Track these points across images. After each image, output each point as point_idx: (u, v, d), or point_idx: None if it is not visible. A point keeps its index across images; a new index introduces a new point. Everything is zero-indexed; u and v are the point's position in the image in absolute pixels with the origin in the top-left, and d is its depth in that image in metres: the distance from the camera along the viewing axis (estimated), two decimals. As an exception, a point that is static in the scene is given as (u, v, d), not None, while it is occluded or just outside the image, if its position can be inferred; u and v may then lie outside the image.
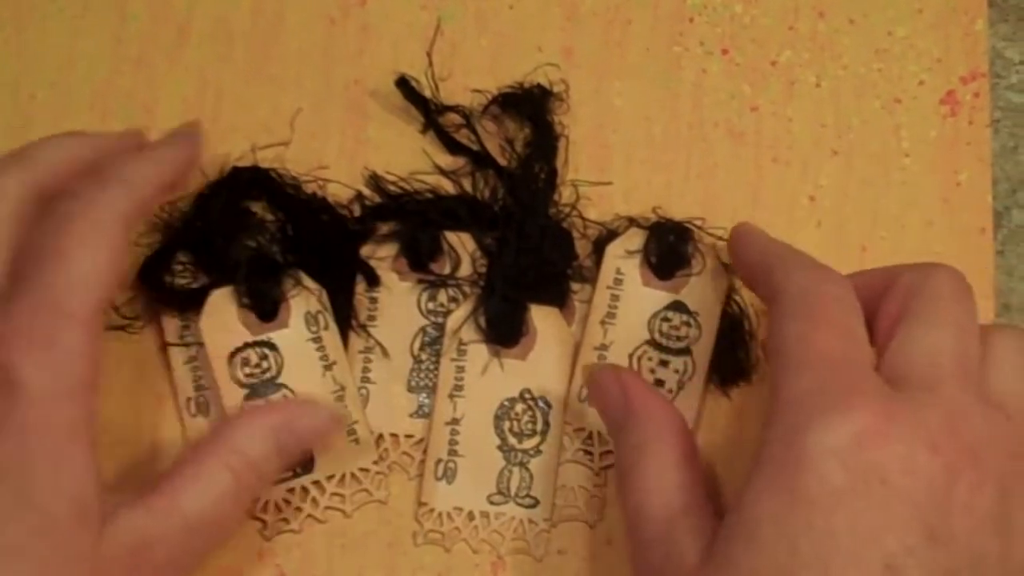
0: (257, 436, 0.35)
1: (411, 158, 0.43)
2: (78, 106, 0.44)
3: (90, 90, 0.44)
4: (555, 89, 0.44)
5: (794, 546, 0.29)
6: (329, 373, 0.40)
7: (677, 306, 0.40)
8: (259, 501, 0.40)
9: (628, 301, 0.40)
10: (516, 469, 0.40)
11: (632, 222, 0.41)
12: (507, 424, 0.41)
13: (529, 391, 0.41)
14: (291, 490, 0.40)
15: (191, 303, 0.40)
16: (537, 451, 0.40)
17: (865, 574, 0.28)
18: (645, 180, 0.44)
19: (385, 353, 0.41)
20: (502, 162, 0.43)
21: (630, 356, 0.40)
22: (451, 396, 0.41)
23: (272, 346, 0.40)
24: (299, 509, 0.40)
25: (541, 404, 0.41)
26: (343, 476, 0.40)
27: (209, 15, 0.45)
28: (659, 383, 0.40)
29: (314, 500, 0.40)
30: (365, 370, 0.41)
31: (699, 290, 0.40)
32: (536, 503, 0.40)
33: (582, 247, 0.42)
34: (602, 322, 0.40)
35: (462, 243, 0.42)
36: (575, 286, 0.42)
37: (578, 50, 0.45)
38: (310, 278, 0.41)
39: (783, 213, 0.43)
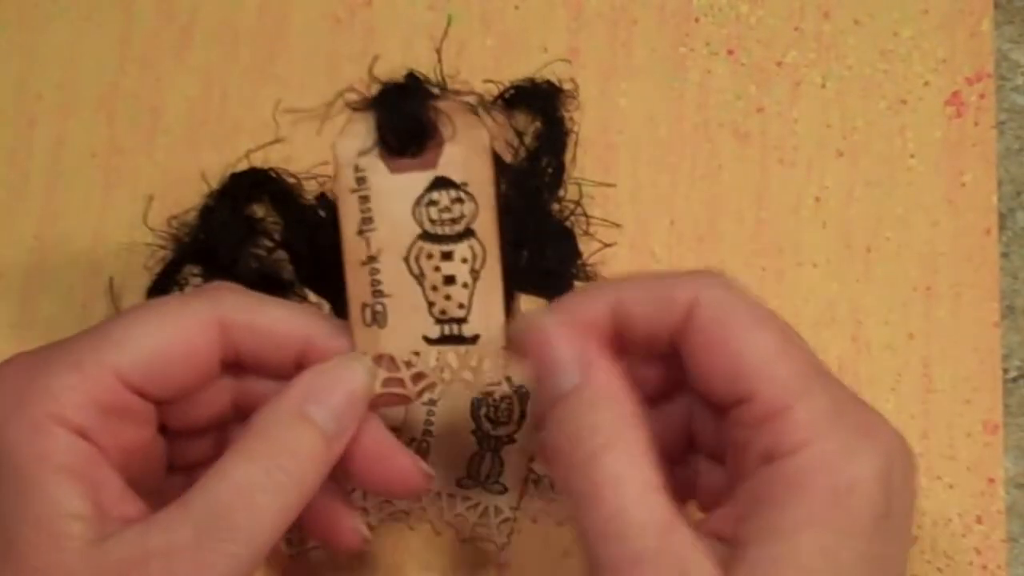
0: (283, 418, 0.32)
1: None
2: (84, 106, 0.44)
3: (96, 90, 0.44)
4: (565, 87, 0.44)
5: None
6: None
7: (439, 183, 0.33)
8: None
9: (381, 198, 0.33)
10: (488, 455, 0.40)
11: (354, 107, 0.34)
12: (484, 410, 0.41)
13: (509, 379, 0.41)
14: None
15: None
16: (511, 439, 0.40)
17: None
18: (650, 180, 0.44)
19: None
20: (508, 159, 0.43)
21: (406, 260, 0.33)
22: (360, 233, 0.38)
23: None
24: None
25: (520, 392, 0.41)
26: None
27: (214, 15, 0.45)
28: (450, 280, 0.33)
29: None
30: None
31: (459, 156, 0.33)
32: (505, 490, 0.40)
33: (586, 246, 0.42)
34: (359, 233, 0.33)
35: None
36: (578, 285, 0.42)
37: (583, 50, 0.45)
38: (315, 293, 0.40)
39: (788, 214, 0.43)
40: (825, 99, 0.45)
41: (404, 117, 0.33)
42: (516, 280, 0.41)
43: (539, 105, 0.43)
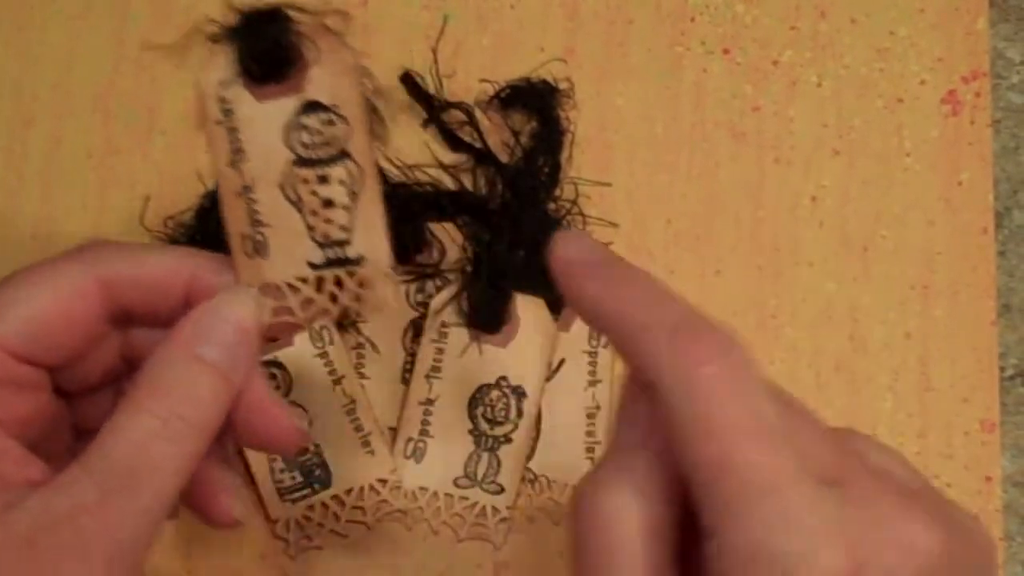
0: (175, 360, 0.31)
1: (413, 157, 0.43)
2: (80, 106, 0.44)
3: (92, 90, 0.44)
4: (561, 86, 0.44)
5: None
6: (339, 387, 0.40)
7: (308, 107, 0.32)
8: (280, 521, 0.40)
9: (249, 127, 0.32)
10: (485, 455, 0.40)
11: (214, 38, 0.33)
12: (481, 409, 0.41)
13: (506, 379, 0.41)
14: (310, 507, 0.40)
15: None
16: (507, 439, 0.40)
17: None
18: (647, 180, 0.44)
19: (375, 349, 0.41)
20: (504, 159, 0.43)
21: (281, 187, 0.33)
22: (427, 377, 0.41)
23: (279, 365, 0.40)
24: (320, 525, 0.40)
25: (517, 392, 0.41)
26: (361, 489, 0.40)
27: (210, 15, 0.45)
28: (328, 203, 0.33)
29: (335, 515, 0.40)
30: (358, 366, 0.41)
31: (326, 78, 0.32)
32: (501, 490, 0.40)
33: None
34: (231, 164, 0.32)
35: (448, 233, 0.42)
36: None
37: (580, 50, 0.45)
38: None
39: (785, 213, 0.43)
40: (821, 98, 0.45)
41: (265, 44, 0.32)
42: (513, 280, 0.41)
43: (535, 105, 0.43)
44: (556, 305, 0.41)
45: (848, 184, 0.44)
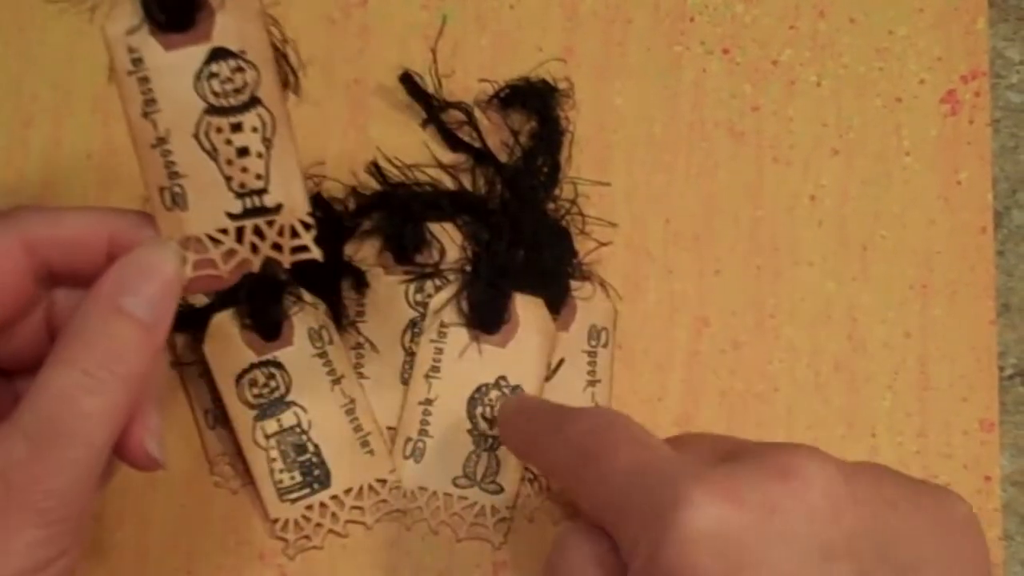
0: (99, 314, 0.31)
1: (412, 157, 0.43)
2: (80, 107, 0.44)
3: (92, 91, 0.44)
4: (560, 86, 0.44)
5: None
6: (338, 387, 0.40)
7: (217, 54, 0.32)
8: (279, 521, 0.40)
9: (159, 77, 0.32)
10: (485, 455, 0.40)
11: None
12: (480, 409, 0.41)
13: (505, 378, 0.41)
14: (309, 507, 0.40)
15: (195, 322, 0.40)
16: None
17: None
18: (646, 179, 0.44)
19: (375, 348, 0.41)
20: (504, 158, 0.43)
21: (195, 137, 0.32)
22: (427, 376, 0.41)
23: (278, 365, 0.40)
24: (319, 525, 0.40)
25: (516, 392, 0.41)
26: (360, 488, 0.40)
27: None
28: (243, 152, 0.32)
29: (334, 515, 0.40)
30: (358, 366, 0.41)
31: (232, 25, 0.32)
32: (501, 490, 0.40)
33: (582, 245, 0.42)
34: (144, 115, 0.32)
35: (447, 234, 0.42)
36: (574, 284, 0.42)
37: (579, 50, 0.45)
38: (310, 292, 0.41)
39: (784, 212, 0.43)
40: (820, 97, 0.45)
41: None
42: (513, 280, 0.41)
43: (534, 104, 0.43)
44: (555, 305, 0.42)
45: (847, 183, 0.44)
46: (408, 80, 0.43)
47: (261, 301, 0.40)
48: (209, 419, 0.41)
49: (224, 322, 0.40)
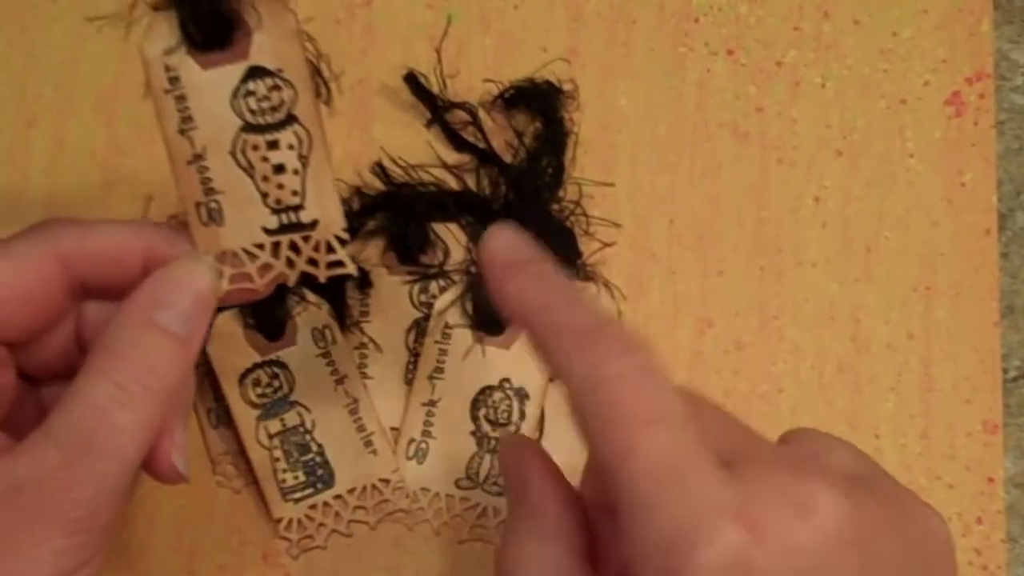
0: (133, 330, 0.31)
1: (416, 157, 0.43)
2: (83, 106, 0.44)
3: (95, 90, 0.44)
4: (564, 87, 0.44)
5: None
6: (341, 387, 0.40)
7: (253, 73, 0.33)
8: (282, 520, 0.40)
9: (197, 95, 0.32)
10: (488, 456, 0.40)
11: (155, 6, 0.33)
12: (483, 411, 0.41)
13: (509, 380, 0.41)
14: (313, 507, 0.40)
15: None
16: None
17: None
18: (650, 180, 0.44)
19: (378, 349, 0.41)
20: (508, 159, 0.43)
21: (232, 154, 0.33)
22: (430, 378, 0.41)
23: (282, 365, 0.40)
24: (323, 525, 0.40)
25: (520, 394, 0.41)
26: (364, 488, 0.40)
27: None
28: (279, 168, 0.33)
29: (337, 514, 0.40)
30: (361, 366, 0.41)
31: (268, 43, 0.32)
32: (503, 492, 0.40)
33: (586, 246, 0.42)
34: (181, 132, 0.32)
35: (451, 234, 0.42)
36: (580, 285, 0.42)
37: (583, 50, 0.45)
38: (315, 294, 0.41)
39: (788, 214, 0.43)
40: (825, 99, 0.45)
41: (206, 10, 0.32)
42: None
43: (539, 105, 0.43)
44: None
45: (851, 185, 0.44)
46: (412, 80, 0.43)
47: (265, 301, 0.40)
48: (212, 418, 0.41)
49: (227, 322, 0.40)
